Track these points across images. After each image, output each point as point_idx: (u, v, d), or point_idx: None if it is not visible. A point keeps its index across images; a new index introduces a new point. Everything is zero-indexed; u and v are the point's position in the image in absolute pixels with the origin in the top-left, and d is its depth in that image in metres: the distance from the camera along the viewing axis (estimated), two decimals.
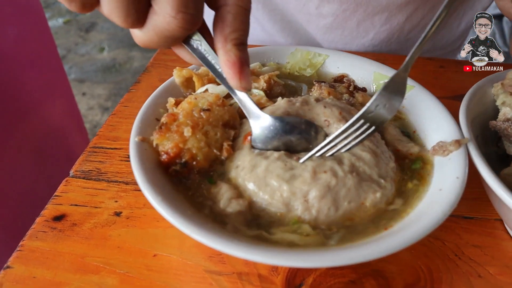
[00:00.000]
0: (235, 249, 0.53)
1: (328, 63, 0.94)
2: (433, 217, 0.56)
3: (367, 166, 0.67)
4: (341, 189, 0.64)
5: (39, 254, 0.75)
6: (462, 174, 0.63)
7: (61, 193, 0.86)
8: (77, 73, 3.92)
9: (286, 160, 0.67)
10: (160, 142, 0.71)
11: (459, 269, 0.72)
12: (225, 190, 0.68)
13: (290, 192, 0.64)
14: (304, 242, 0.59)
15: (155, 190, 0.60)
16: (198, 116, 0.74)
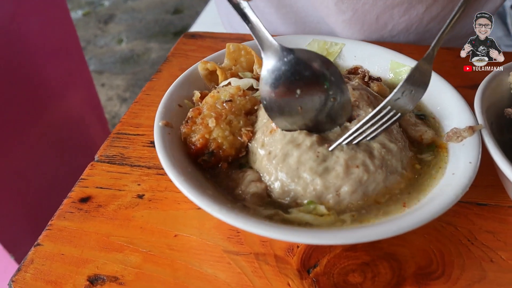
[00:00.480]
0: (250, 226, 0.56)
1: (345, 52, 0.96)
2: (445, 199, 0.58)
3: (394, 158, 0.69)
4: (371, 183, 0.67)
5: (67, 233, 0.79)
6: (475, 159, 0.65)
7: (87, 176, 0.91)
8: (96, 64, 4.00)
9: (318, 150, 0.68)
10: (187, 135, 0.75)
11: (471, 253, 0.74)
12: (248, 174, 0.71)
13: (324, 187, 0.67)
14: (318, 222, 0.62)
15: (178, 170, 0.63)
16: (221, 108, 0.77)
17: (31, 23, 1.64)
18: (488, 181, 0.85)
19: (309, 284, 0.70)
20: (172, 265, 0.73)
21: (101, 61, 4.04)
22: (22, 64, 1.61)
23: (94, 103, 2.23)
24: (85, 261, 0.74)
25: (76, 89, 2.01)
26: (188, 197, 0.61)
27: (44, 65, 1.74)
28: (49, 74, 1.79)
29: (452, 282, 0.70)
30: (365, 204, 0.67)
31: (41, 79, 1.74)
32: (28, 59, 1.65)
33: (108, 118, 3.47)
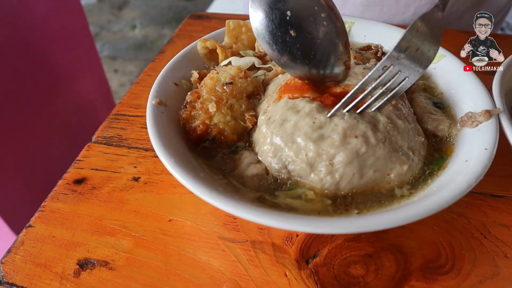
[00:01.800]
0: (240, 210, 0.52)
1: (354, 31, 0.90)
2: (456, 188, 0.53)
3: (400, 136, 0.64)
4: (369, 157, 0.61)
5: (59, 215, 0.77)
6: (491, 145, 0.59)
7: (83, 157, 0.88)
8: (109, 50, 3.99)
9: (315, 117, 0.63)
10: (187, 120, 0.71)
11: (484, 248, 0.69)
12: (245, 156, 0.67)
13: (316, 153, 0.62)
14: (304, 207, 0.58)
15: (168, 151, 0.60)
16: (222, 91, 0.73)
17: (40, 8, 1.63)
18: (505, 171, 0.80)
19: (307, 275, 0.66)
20: (164, 250, 0.70)
21: (115, 47, 4.03)
22: (31, 49, 1.60)
23: (104, 88, 2.21)
24: (76, 244, 0.72)
25: (85, 74, 2.00)
26: (177, 178, 0.58)
27: (53, 51, 1.73)
28: (58, 59, 1.77)
29: (462, 278, 0.65)
30: (361, 184, 0.61)
31: (50, 64, 1.73)
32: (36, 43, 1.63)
33: None
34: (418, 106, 0.73)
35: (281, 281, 0.65)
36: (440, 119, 0.70)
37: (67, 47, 1.85)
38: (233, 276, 0.66)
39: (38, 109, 1.67)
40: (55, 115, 1.77)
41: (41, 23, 1.64)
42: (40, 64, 1.66)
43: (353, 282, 0.65)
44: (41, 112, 1.69)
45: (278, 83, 0.76)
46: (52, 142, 1.76)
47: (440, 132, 0.69)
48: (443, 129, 0.69)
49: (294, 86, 0.68)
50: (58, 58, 1.78)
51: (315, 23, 0.63)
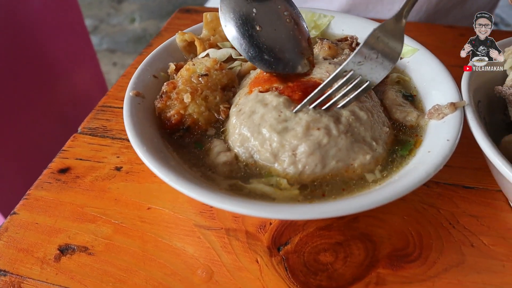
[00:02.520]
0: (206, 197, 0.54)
1: (333, 25, 0.92)
2: (414, 178, 0.55)
3: (363, 127, 0.66)
4: (331, 148, 0.63)
5: (43, 203, 0.79)
6: (453, 137, 0.61)
7: (68, 148, 0.90)
8: (108, 43, 4.00)
9: (281, 111, 0.66)
10: (162, 110, 0.73)
11: (452, 237, 0.71)
12: (215, 145, 0.69)
13: (280, 144, 0.64)
14: (277, 195, 0.60)
15: (141, 140, 0.62)
16: (197, 82, 0.75)
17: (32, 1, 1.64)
18: (478, 163, 0.81)
19: (278, 261, 0.68)
20: (142, 237, 0.73)
21: (114, 40, 4.04)
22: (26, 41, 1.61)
23: (99, 81, 2.23)
24: (57, 231, 0.74)
25: (79, 68, 2.01)
26: (148, 166, 0.60)
27: (46, 43, 1.74)
28: (53, 51, 1.79)
29: (428, 266, 0.67)
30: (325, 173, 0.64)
31: (45, 56, 1.75)
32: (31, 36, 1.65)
33: None
34: (388, 98, 0.75)
35: (252, 267, 0.67)
36: (409, 110, 0.72)
37: (62, 39, 1.86)
38: (206, 262, 0.68)
39: (33, 101, 1.69)
40: (49, 107, 1.79)
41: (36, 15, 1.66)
42: (34, 56, 1.68)
43: (321, 268, 0.67)
44: (36, 104, 1.71)
45: (250, 77, 0.79)
46: (46, 133, 1.78)
47: (408, 122, 0.72)
48: (410, 120, 0.71)
49: (263, 79, 0.71)
50: (53, 50, 1.79)
51: (278, 20, 0.66)
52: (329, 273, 0.66)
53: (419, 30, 1.20)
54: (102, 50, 3.91)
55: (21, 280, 0.67)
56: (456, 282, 0.65)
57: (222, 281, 0.66)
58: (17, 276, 0.68)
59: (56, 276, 0.67)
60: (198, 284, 0.65)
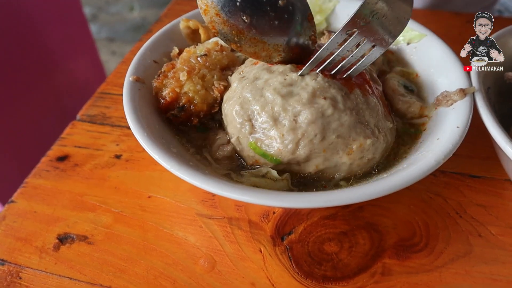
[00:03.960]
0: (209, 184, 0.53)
1: (338, 10, 0.89)
2: (423, 165, 0.53)
3: (369, 111, 0.63)
4: (334, 121, 0.60)
5: (41, 191, 0.78)
6: (463, 124, 0.59)
7: (67, 135, 0.88)
8: (107, 32, 3.96)
9: (288, 74, 0.63)
10: (159, 89, 0.71)
11: (459, 227, 0.69)
12: (219, 137, 0.67)
13: (282, 108, 0.61)
14: (269, 186, 0.59)
15: (142, 125, 0.60)
16: (195, 62, 0.73)
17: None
18: (486, 153, 0.80)
19: (281, 251, 0.67)
20: (142, 226, 0.71)
21: (113, 29, 3.99)
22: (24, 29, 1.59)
23: (97, 69, 2.20)
24: (56, 219, 0.73)
25: (77, 56, 1.99)
26: (149, 153, 0.58)
27: (43, 31, 1.71)
28: (50, 40, 1.76)
29: (435, 256, 0.66)
30: (322, 147, 0.60)
31: (43, 45, 1.72)
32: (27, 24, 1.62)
33: None
34: (390, 88, 0.73)
35: (255, 256, 0.66)
36: (411, 101, 0.70)
37: (61, 28, 1.83)
38: (208, 252, 0.67)
39: (30, 89, 1.67)
40: (47, 95, 1.77)
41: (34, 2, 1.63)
42: (32, 44, 1.65)
43: (326, 258, 0.65)
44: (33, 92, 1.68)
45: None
46: (44, 121, 1.76)
47: (410, 113, 0.70)
48: (413, 111, 0.69)
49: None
50: (52, 39, 1.76)
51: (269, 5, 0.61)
52: (334, 263, 0.65)
53: (424, 16, 1.18)
54: (101, 39, 3.87)
55: (19, 270, 0.66)
56: (463, 272, 0.63)
57: (225, 271, 0.64)
58: (16, 265, 0.66)
59: (55, 266, 0.66)
60: (200, 273, 0.64)
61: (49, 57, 1.77)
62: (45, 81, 1.77)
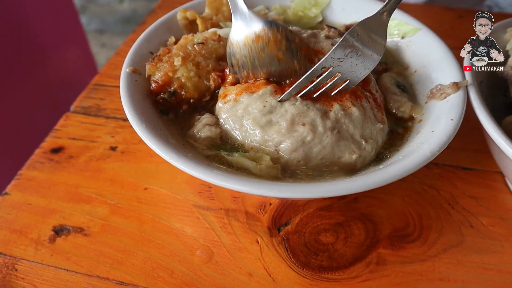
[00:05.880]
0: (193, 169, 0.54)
1: (334, 3, 0.89)
2: (419, 156, 0.54)
3: (352, 124, 0.63)
4: (316, 145, 0.61)
5: (35, 183, 0.77)
6: (457, 116, 0.60)
7: (61, 127, 0.88)
8: (97, 24, 3.91)
9: (267, 100, 0.63)
10: (152, 73, 0.70)
11: (451, 218, 0.71)
12: (205, 117, 0.67)
13: (263, 139, 0.62)
14: (259, 171, 0.59)
15: (141, 118, 0.60)
16: (192, 49, 0.73)
17: None
18: (477, 146, 0.81)
19: (278, 242, 0.67)
20: (139, 218, 0.71)
21: (102, 20, 3.94)
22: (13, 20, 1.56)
23: (89, 62, 2.18)
24: (51, 212, 0.72)
25: (68, 47, 1.96)
26: (148, 144, 0.58)
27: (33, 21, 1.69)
28: (39, 30, 1.74)
29: (428, 246, 0.67)
30: (309, 169, 0.63)
31: (33, 35, 1.69)
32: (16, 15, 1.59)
33: None
34: (383, 86, 0.74)
35: (252, 247, 0.67)
36: (403, 101, 0.70)
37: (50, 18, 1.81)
38: (206, 243, 0.67)
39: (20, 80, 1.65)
40: (38, 86, 1.75)
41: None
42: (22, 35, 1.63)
43: (322, 249, 0.66)
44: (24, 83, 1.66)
45: None
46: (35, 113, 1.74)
47: (401, 113, 0.71)
48: (404, 111, 0.70)
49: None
50: (41, 30, 1.74)
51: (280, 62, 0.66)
52: (329, 253, 0.66)
53: (416, 11, 1.19)
54: (90, 31, 3.82)
55: (15, 262, 0.66)
56: (456, 262, 0.65)
57: (222, 261, 0.65)
58: (11, 257, 0.66)
59: (51, 257, 0.66)
60: (198, 264, 0.65)
61: (39, 48, 1.75)
62: (36, 73, 1.75)
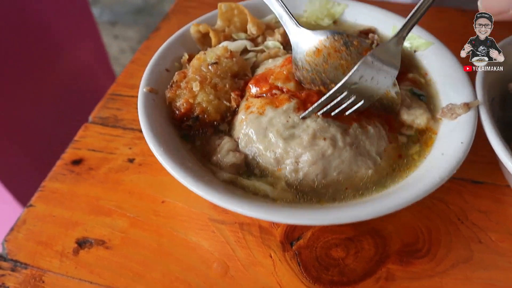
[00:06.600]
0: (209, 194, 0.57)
1: (347, 14, 0.90)
2: (428, 183, 0.56)
3: (369, 141, 0.67)
4: (335, 159, 0.64)
5: (59, 195, 0.81)
6: (467, 139, 0.61)
7: (80, 138, 0.91)
8: (109, 15, 3.92)
9: (290, 116, 0.66)
10: (172, 99, 0.73)
11: (460, 233, 0.72)
12: (225, 142, 0.70)
13: (284, 151, 0.65)
14: (275, 195, 0.62)
15: (159, 141, 0.63)
16: (207, 71, 0.75)
17: None
18: (487, 158, 0.81)
19: (291, 256, 0.70)
20: (157, 231, 0.74)
21: (114, 11, 3.96)
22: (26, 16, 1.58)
23: (101, 55, 2.20)
24: (74, 224, 0.76)
25: (81, 41, 1.98)
26: (167, 169, 0.60)
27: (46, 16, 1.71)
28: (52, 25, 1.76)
29: (437, 262, 0.69)
30: (326, 184, 0.65)
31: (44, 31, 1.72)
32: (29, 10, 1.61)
33: (120, 70, 3.44)
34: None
35: (266, 261, 0.69)
36: (418, 113, 0.71)
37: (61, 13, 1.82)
38: (221, 257, 0.70)
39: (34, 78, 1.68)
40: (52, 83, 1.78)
41: None
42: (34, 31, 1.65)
43: (333, 263, 0.69)
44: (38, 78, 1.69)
45: (268, 67, 0.78)
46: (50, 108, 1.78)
47: (416, 125, 0.71)
48: (419, 123, 0.71)
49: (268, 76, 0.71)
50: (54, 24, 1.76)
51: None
52: (340, 268, 0.68)
53: (429, 14, 1.17)
54: (102, 22, 3.84)
55: (42, 273, 0.69)
56: (464, 278, 0.67)
57: (237, 275, 0.68)
58: (38, 269, 0.70)
59: (75, 270, 0.70)
60: (214, 278, 0.68)
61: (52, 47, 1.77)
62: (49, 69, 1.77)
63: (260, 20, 0.90)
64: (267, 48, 0.85)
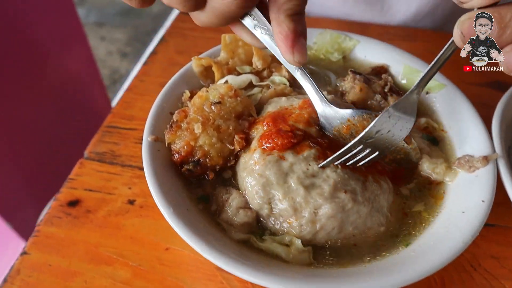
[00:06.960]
0: (244, 272, 0.55)
1: (358, 50, 0.87)
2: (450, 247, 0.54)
3: (382, 196, 0.65)
4: (353, 214, 0.62)
5: (54, 241, 0.76)
6: (488, 198, 0.59)
7: (76, 176, 0.86)
8: (96, 16, 3.83)
9: (310, 164, 0.64)
10: (172, 141, 0.69)
11: (474, 281, 0.71)
12: (233, 198, 0.66)
13: (304, 199, 0.62)
14: (290, 258, 0.60)
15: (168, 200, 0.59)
16: (209, 111, 0.71)
17: None
18: (499, 198, 0.79)
19: None
20: (162, 282, 0.71)
21: (101, 12, 3.87)
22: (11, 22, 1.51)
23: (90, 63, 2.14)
24: (73, 274, 0.72)
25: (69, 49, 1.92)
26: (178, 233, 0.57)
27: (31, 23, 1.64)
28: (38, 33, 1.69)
29: None
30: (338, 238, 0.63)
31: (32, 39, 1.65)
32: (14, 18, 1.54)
33: (108, 73, 3.37)
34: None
35: None
36: (438, 161, 0.69)
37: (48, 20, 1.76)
38: None
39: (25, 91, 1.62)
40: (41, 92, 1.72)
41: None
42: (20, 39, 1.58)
43: None
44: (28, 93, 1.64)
45: (283, 105, 0.74)
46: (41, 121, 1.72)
47: (435, 175, 0.70)
48: (439, 172, 0.69)
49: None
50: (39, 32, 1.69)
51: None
52: None
53: (434, 39, 1.16)
54: (89, 23, 3.75)
55: None
56: None
57: None
58: None
59: None
60: None
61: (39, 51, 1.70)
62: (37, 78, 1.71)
63: (265, 51, 0.86)
64: (273, 83, 0.82)
